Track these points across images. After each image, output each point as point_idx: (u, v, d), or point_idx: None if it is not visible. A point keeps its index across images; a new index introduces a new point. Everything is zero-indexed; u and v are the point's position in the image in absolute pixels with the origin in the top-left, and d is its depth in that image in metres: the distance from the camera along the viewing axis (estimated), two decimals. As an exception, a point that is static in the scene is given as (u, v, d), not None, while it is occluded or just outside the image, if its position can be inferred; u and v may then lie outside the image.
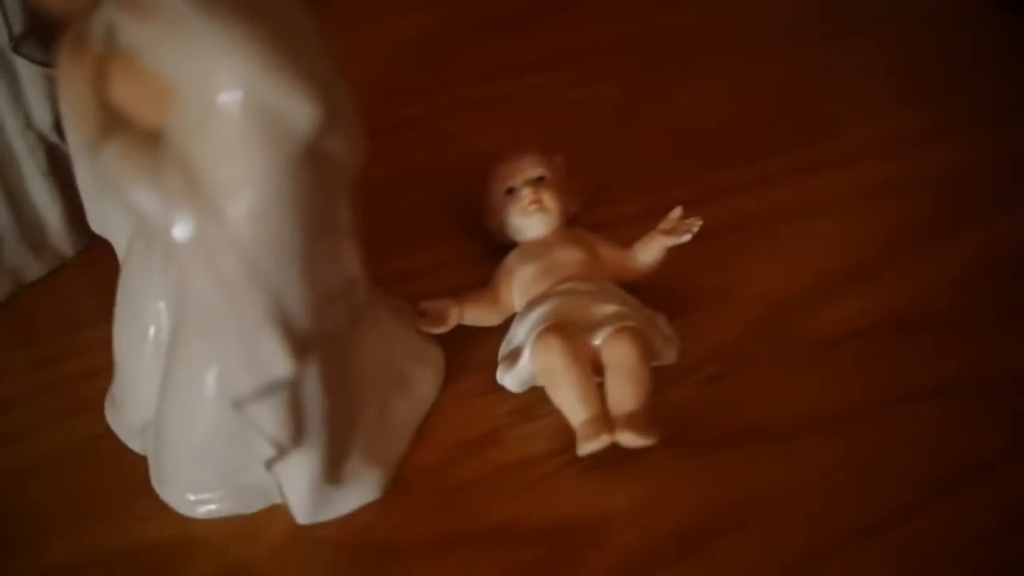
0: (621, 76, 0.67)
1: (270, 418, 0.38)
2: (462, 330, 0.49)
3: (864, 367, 0.50)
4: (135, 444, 0.45)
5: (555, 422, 0.46)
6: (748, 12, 0.74)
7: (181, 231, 0.34)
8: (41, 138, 0.49)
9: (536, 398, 0.47)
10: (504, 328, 0.49)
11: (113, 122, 0.35)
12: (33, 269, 0.52)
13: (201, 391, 0.40)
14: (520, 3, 0.74)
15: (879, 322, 0.52)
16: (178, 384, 0.41)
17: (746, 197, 0.57)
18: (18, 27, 0.44)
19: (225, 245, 0.34)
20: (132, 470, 0.45)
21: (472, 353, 0.49)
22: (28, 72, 0.47)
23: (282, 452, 0.40)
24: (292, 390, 0.38)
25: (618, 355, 0.44)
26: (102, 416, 0.47)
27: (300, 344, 0.37)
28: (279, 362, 0.37)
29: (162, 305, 0.41)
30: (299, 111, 0.33)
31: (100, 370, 0.47)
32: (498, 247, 0.52)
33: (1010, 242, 0.56)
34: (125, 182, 0.34)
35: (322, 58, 0.35)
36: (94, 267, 0.53)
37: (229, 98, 0.33)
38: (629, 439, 0.42)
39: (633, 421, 0.42)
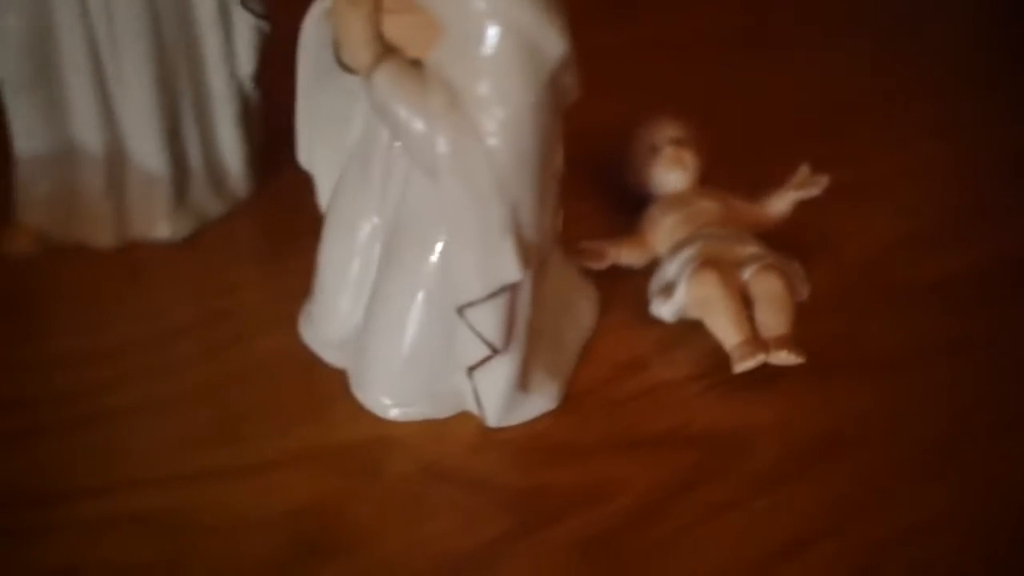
0: (719, 62, 0.74)
1: (490, 322, 0.44)
2: (606, 271, 0.55)
3: (948, 310, 0.57)
4: (331, 357, 0.51)
5: (697, 350, 0.52)
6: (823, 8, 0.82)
7: (442, 144, 0.40)
8: (239, 88, 0.55)
9: (678, 330, 0.53)
10: (642, 272, 0.55)
11: (383, 51, 0.41)
12: (214, 208, 0.57)
13: (415, 300, 0.46)
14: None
15: (963, 273, 0.59)
16: (392, 295, 0.47)
17: (835, 168, 0.63)
18: (251, -19, 0.50)
19: (479, 157, 0.40)
20: (327, 381, 0.50)
21: (616, 290, 0.55)
22: (242, 24, 0.52)
23: (491, 355, 0.45)
24: (510, 298, 0.44)
25: (767, 287, 0.50)
26: (286, 336, 0.52)
27: (526, 255, 0.43)
28: (512, 268, 0.43)
29: (376, 222, 0.47)
30: (552, 42, 0.39)
31: (281, 296, 0.54)
32: (633, 199, 0.58)
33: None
34: (395, 103, 0.40)
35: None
36: (264, 209, 0.59)
37: (492, 28, 0.39)
38: (783, 357, 0.49)
39: (786, 342, 0.49)
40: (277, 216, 0.59)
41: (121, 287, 0.55)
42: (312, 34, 0.45)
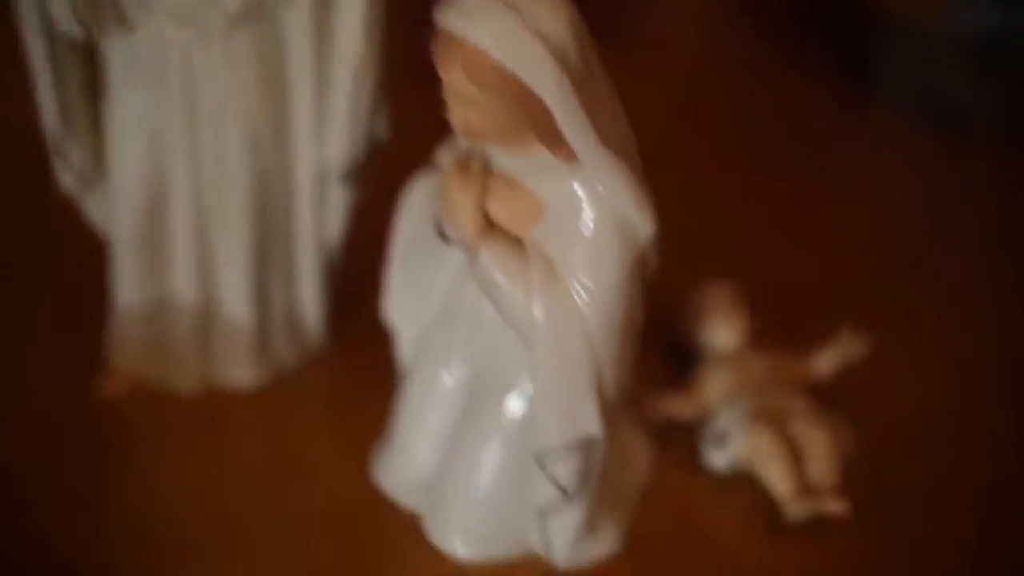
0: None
1: (566, 470, 0.48)
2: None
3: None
4: (405, 499, 0.54)
5: (746, 500, 0.56)
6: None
7: (540, 313, 0.45)
8: (326, 247, 0.59)
9: (724, 481, 0.57)
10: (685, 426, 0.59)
11: (488, 227, 0.46)
12: (292, 358, 0.62)
13: (494, 445, 0.50)
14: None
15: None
16: (473, 440, 0.51)
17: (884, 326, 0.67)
18: (357, 157, 0.56)
19: (573, 325, 0.45)
20: (401, 525, 0.54)
21: (664, 443, 0.59)
22: (336, 194, 0.58)
23: (563, 501, 0.49)
24: (587, 449, 0.48)
25: (816, 439, 0.54)
26: (357, 484, 0.56)
27: (605, 411, 0.47)
28: (593, 423, 0.47)
29: (458, 371, 0.51)
30: (645, 224, 0.44)
31: (351, 445, 0.57)
32: (684, 355, 0.63)
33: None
34: (498, 275, 0.45)
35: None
36: (339, 360, 0.63)
37: (592, 209, 0.44)
38: (836, 506, 0.53)
39: (835, 493, 0.53)
40: (351, 367, 0.62)
41: (199, 436, 0.58)
42: (415, 205, 0.51)
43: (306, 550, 0.53)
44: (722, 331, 0.61)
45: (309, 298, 0.61)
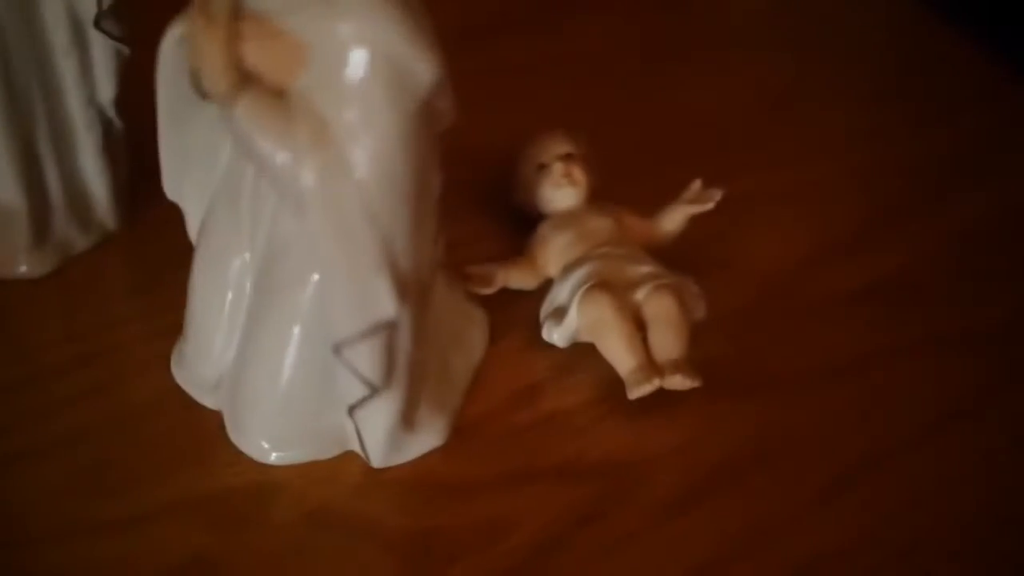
0: (614, 76, 0.72)
1: (367, 360, 0.42)
2: (497, 294, 0.53)
3: (861, 324, 0.56)
4: (206, 400, 0.48)
5: (593, 375, 0.51)
6: (726, 19, 0.80)
7: (309, 178, 0.38)
8: (100, 114, 0.51)
9: (573, 354, 0.51)
10: (535, 293, 0.53)
11: (243, 81, 0.38)
12: (80, 243, 0.54)
13: (290, 339, 0.44)
14: (525, 7, 0.78)
15: (872, 285, 0.58)
16: (265, 333, 0.44)
17: (740, 179, 0.62)
18: (107, 1, 0.47)
19: (348, 190, 0.38)
20: (204, 423, 0.48)
21: (508, 314, 0.53)
22: (100, 48, 0.49)
23: (372, 395, 0.43)
24: (388, 335, 0.42)
25: (661, 308, 0.48)
26: (162, 376, 0.49)
27: (403, 290, 0.41)
28: (387, 304, 0.40)
29: (246, 257, 0.44)
30: (422, 66, 0.37)
31: (156, 332, 0.51)
32: (522, 220, 0.56)
33: (979, 215, 0.63)
34: (257, 135, 0.38)
35: (426, 15, 0.38)
36: (134, 240, 0.56)
37: (359, 53, 0.36)
38: (678, 382, 0.47)
39: (681, 366, 0.47)
40: (149, 248, 0.55)
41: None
42: (170, 60, 0.42)
43: (104, 452, 0.46)
44: (558, 188, 0.54)
45: (91, 173, 0.53)
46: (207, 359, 0.47)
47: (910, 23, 0.81)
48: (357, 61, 0.37)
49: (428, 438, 0.47)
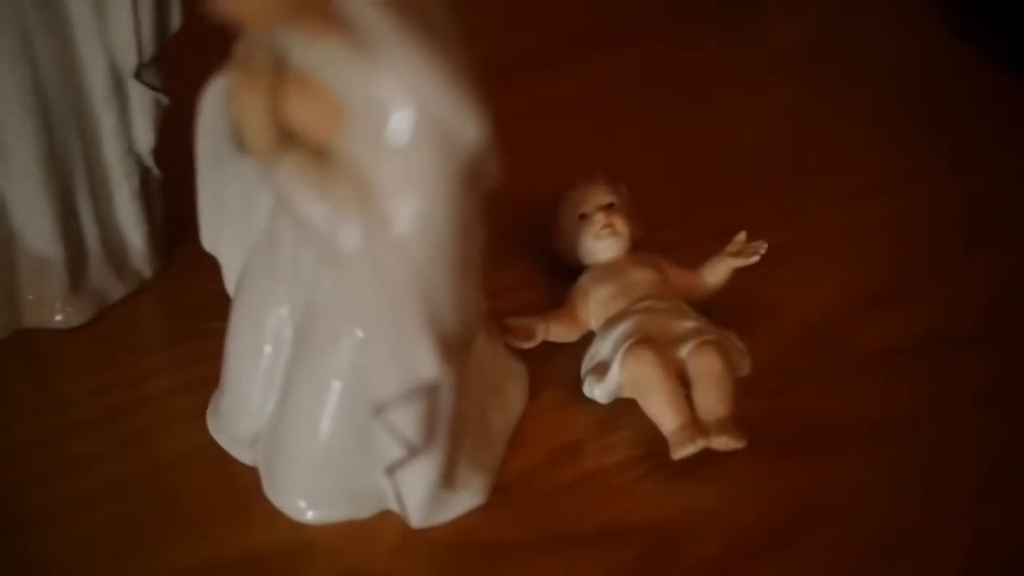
0: (648, 114, 0.71)
1: (408, 422, 0.41)
2: (536, 347, 0.52)
3: (904, 380, 0.54)
4: (243, 455, 0.47)
5: (635, 432, 0.49)
6: (762, 55, 0.79)
7: (349, 239, 0.37)
8: (138, 162, 0.51)
9: (614, 411, 0.50)
10: (575, 346, 0.52)
11: (284, 138, 0.37)
12: (115, 291, 0.54)
13: (328, 396, 0.42)
14: (557, 43, 0.77)
15: (914, 339, 0.56)
16: (303, 390, 0.43)
17: (779, 225, 0.61)
18: (148, 53, 0.47)
19: (390, 251, 0.37)
20: (239, 479, 0.47)
21: (548, 368, 0.52)
22: (139, 98, 0.49)
23: (411, 456, 0.42)
24: (429, 395, 0.41)
25: (706, 365, 0.47)
26: (197, 430, 0.49)
27: (446, 350, 0.40)
28: (429, 365, 0.39)
29: (285, 312, 0.44)
30: (468, 127, 0.36)
31: (190, 384, 0.50)
32: (562, 269, 0.55)
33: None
34: (299, 192, 0.37)
35: (467, 59, 0.38)
36: (169, 289, 0.55)
37: (404, 110, 0.35)
38: (724, 443, 0.46)
39: (726, 426, 0.46)
40: (186, 297, 0.55)
41: (14, 379, 0.51)
42: (210, 114, 0.42)
43: (136, 509, 0.45)
44: (600, 240, 0.53)
45: (128, 221, 0.53)
46: (244, 414, 0.47)
47: (948, 56, 0.80)
48: (401, 120, 0.36)
49: (468, 497, 0.46)
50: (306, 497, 0.45)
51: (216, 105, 0.41)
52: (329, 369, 0.42)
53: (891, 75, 0.79)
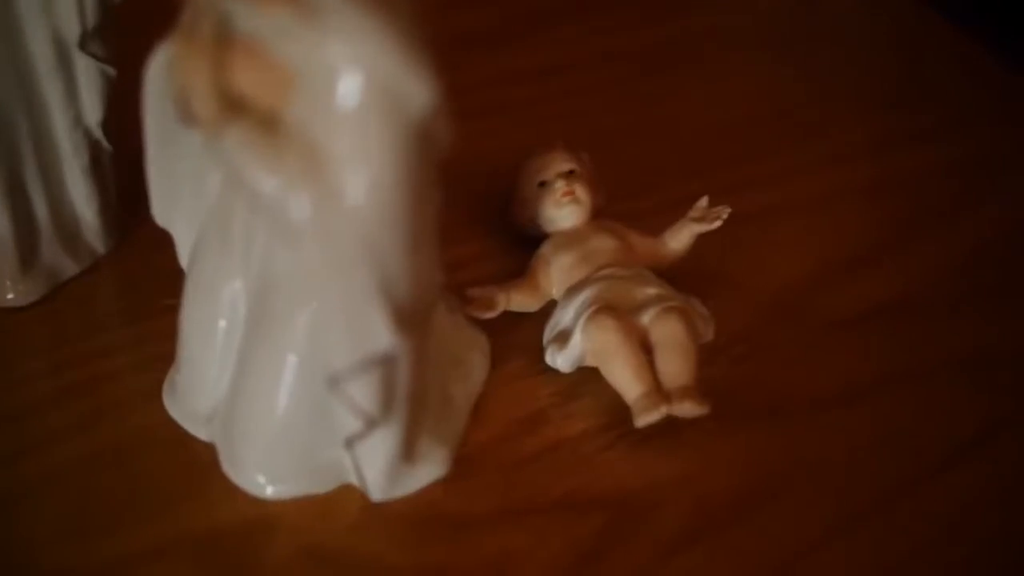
0: (613, 86, 0.70)
1: (364, 393, 0.40)
2: (498, 317, 0.52)
3: (873, 346, 0.54)
4: (200, 432, 0.46)
5: (598, 400, 0.49)
6: (725, 25, 0.79)
7: (300, 209, 0.36)
8: (87, 136, 0.50)
9: (577, 379, 0.50)
10: (537, 315, 0.52)
11: (232, 107, 0.36)
12: (68, 269, 0.52)
13: (285, 370, 0.42)
14: (510, 19, 0.76)
15: (883, 305, 0.56)
16: (259, 365, 0.42)
17: (747, 193, 0.60)
18: (92, 23, 0.45)
19: (342, 220, 0.36)
20: (199, 456, 0.46)
21: (509, 338, 0.51)
22: (85, 70, 0.48)
23: (369, 428, 0.41)
24: (386, 366, 0.40)
25: (668, 332, 0.47)
26: (154, 408, 0.48)
27: (401, 320, 0.39)
28: (383, 335, 0.39)
29: (238, 286, 0.43)
30: (418, 91, 0.35)
31: (147, 361, 0.49)
32: (523, 239, 0.54)
33: (995, 231, 0.62)
34: (246, 164, 0.36)
35: (420, 30, 0.37)
36: (124, 265, 0.54)
37: (351, 77, 0.35)
38: (687, 409, 0.45)
39: (689, 392, 0.46)
40: (140, 273, 0.54)
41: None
42: (157, 85, 0.40)
43: (95, 489, 0.45)
44: (560, 207, 0.52)
45: (79, 197, 0.51)
46: (200, 390, 0.46)
47: (919, 27, 0.80)
48: (349, 86, 0.35)
49: (429, 470, 0.45)
50: (265, 472, 0.44)
51: (163, 75, 0.40)
52: (285, 342, 0.41)
53: (862, 46, 0.79)
